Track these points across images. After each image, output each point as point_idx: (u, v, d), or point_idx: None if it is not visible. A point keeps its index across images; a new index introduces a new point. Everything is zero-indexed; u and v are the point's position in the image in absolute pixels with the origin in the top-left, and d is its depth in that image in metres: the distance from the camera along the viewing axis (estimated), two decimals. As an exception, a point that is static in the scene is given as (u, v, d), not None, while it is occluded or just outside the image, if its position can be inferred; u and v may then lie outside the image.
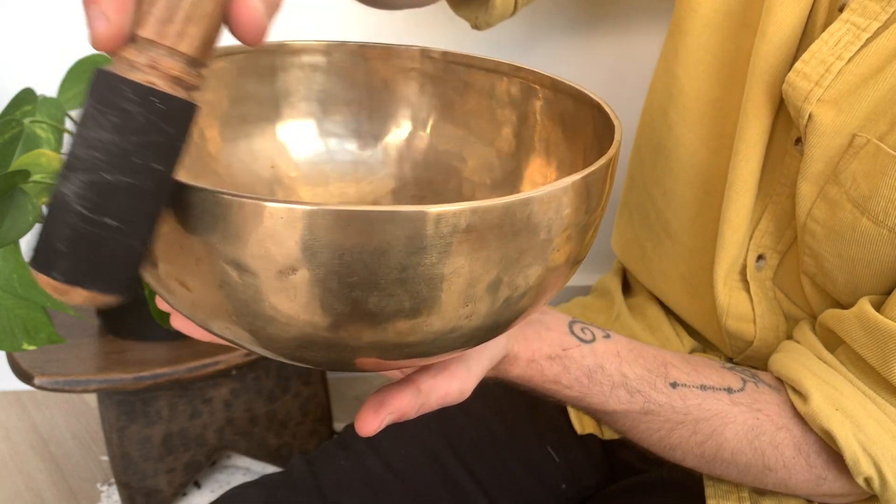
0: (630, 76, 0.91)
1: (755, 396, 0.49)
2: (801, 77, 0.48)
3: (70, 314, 0.67)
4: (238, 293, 0.29)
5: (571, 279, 0.35)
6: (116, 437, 0.86)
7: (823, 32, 0.48)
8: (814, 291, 0.53)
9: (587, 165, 0.31)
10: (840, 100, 0.47)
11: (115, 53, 0.26)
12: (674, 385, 0.47)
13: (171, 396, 0.86)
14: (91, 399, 1.16)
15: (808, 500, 0.53)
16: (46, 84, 0.78)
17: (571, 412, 0.66)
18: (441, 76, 0.49)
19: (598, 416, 0.50)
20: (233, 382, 0.88)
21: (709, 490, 0.55)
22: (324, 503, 0.59)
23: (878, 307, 0.46)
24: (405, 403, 0.38)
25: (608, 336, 0.48)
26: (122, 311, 0.84)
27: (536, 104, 0.45)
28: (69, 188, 0.25)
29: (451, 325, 0.30)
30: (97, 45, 0.25)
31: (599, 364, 0.46)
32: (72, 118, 0.72)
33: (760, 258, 0.56)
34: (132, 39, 0.26)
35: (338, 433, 0.67)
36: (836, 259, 0.49)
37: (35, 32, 0.91)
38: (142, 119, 0.25)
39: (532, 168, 0.46)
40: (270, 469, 1.00)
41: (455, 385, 0.40)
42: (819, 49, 0.48)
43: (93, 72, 0.26)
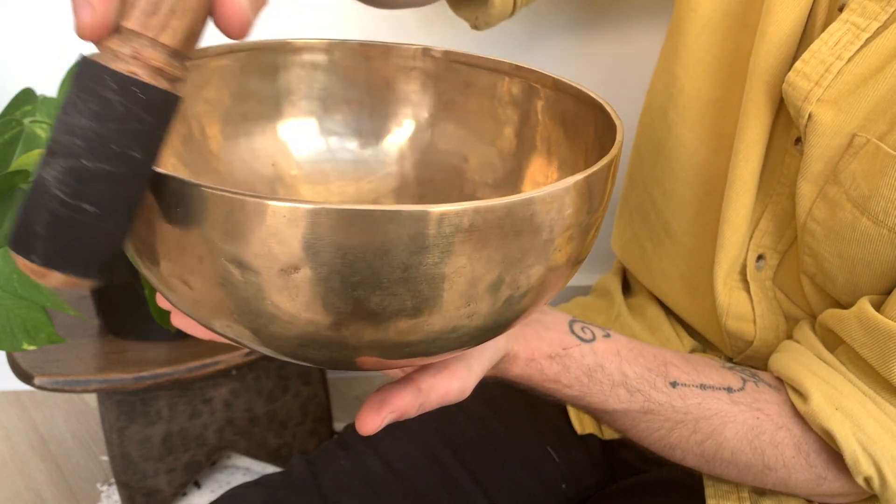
0: (630, 76, 0.91)
1: (755, 396, 0.49)
2: (801, 77, 0.48)
3: (70, 314, 0.67)
4: (240, 291, 0.29)
5: (571, 279, 0.35)
6: (116, 437, 0.86)
7: (823, 32, 0.48)
8: (814, 291, 0.53)
9: (588, 165, 0.31)
10: (840, 99, 0.47)
11: (100, 43, 0.26)
12: (674, 384, 0.47)
13: (171, 396, 0.86)
14: (91, 399, 1.16)
15: (808, 500, 0.53)
16: (46, 84, 0.78)
17: (571, 412, 0.66)
18: (442, 75, 0.49)
19: (598, 416, 0.50)
20: (233, 382, 0.88)
21: (709, 490, 0.55)
22: (324, 503, 0.59)
23: (878, 307, 0.47)
24: (406, 402, 0.38)
25: (608, 335, 0.48)
26: (122, 311, 0.84)
27: (538, 104, 0.45)
28: (49, 173, 0.26)
29: (453, 325, 0.30)
30: (82, 35, 0.26)
31: (599, 363, 0.46)
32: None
33: (760, 258, 0.56)
34: (117, 30, 0.26)
35: (338, 433, 0.67)
36: (836, 259, 0.49)
37: (35, 32, 0.90)
38: (121, 107, 0.26)
39: (533, 168, 0.46)
40: (270, 469, 1.00)
41: (455, 384, 0.40)
42: (819, 49, 0.48)
43: (77, 59, 0.26)
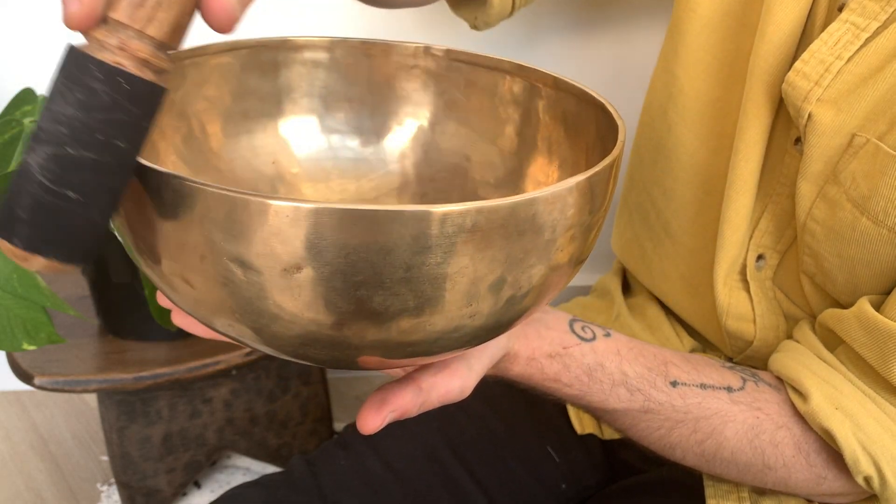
0: (630, 76, 0.91)
1: (755, 395, 0.49)
2: (801, 77, 0.48)
3: (70, 314, 0.67)
4: (242, 291, 0.29)
5: (572, 279, 0.35)
6: (116, 437, 0.86)
7: (823, 32, 0.48)
8: (813, 291, 0.53)
9: (589, 165, 0.31)
10: (839, 99, 0.47)
11: (87, 33, 0.27)
12: (674, 384, 0.47)
13: (171, 396, 0.86)
14: (91, 399, 1.15)
15: (808, 500, 0.53)
16: (46, 84, 0.78)
17: (571, 412, 0.67)
18: (444, 74, 0.49)
19: (598, 415, 0.50)
20: (233, 382, 0.88)
21: (709, 490, 0.55)
22: (324, 503, 0.59)
23: (878, 307, 0.47)
24: (406, 401, 0.38)
25: (608, 334, 0.48)
26: (122, 311, 0.84)
27: (539, 103, 0.45)
28: (34, 159, 0.26)
29: (455, 325, 0.30)
30: (69, 24, 0.26)
31: (600, 362, 0.46)
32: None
33: (760, 258, 0.56)
34: (104, 21, 0.26)
35: (338, 433, 0.67)
36: (836, 259, 0.49)
37: (35, 32, 0.91)
38: (106, 97, 0.26)
39: (534, 167, 0.46)
40: (270, 469, 1.00)
41: (456, 383, 0.40)
42: (818, 49, 0.48)
43: (65, 48, 0.27)
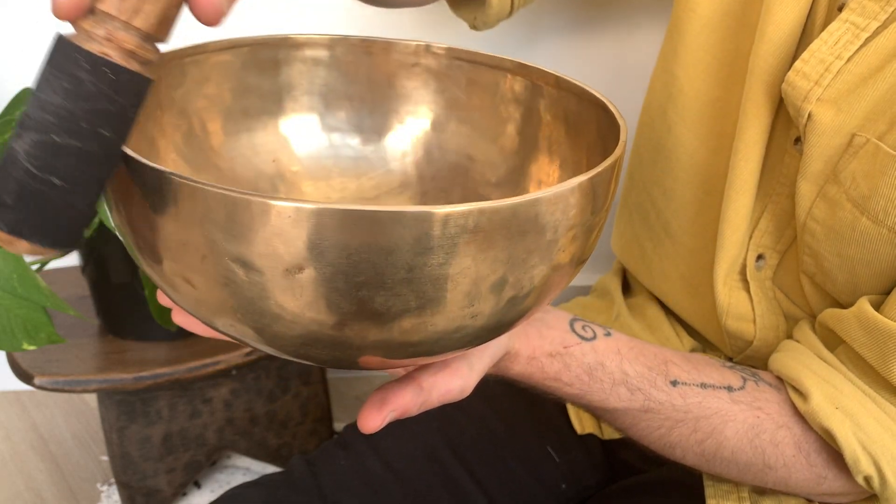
0: (630, 76, 0.91)
1: (755, 395, 0.49)
2: (801, 76, 0.48)
3: (70, 314, 0.67)
4: (244, 291, 0.29)
5: (573, 279, 0.36)
6: (116, 437, 0.86)
7: (823, 32, 0.48)
8: (813, 291, 0.53)
9: (590, 164, 0.31)
10: (839, 99, 0.47)
11: (75, 23, 0.27)
12: (674, 383, 0.48)
13: (171, 396, 0.86)
14: (91, 399, 1.15)
15: (808, 500, 0.53)
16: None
17: (571, 412, 0.67)
18: (445, 72, 0.49)
19: (599, 414, 0.50)
20: (233, 382, 0.88)
21: (708, 490, 0.55)
22: (324, 503, 0.59)
23: (878, 307, 0.47)
24: (407, 401, 0.38)
25: (609, 334, 0.48)
26: (122, 311, 0.84)
27: (540, 102, 0.45)
28: (20, 145, 0.27)
29: (456, 325, 0.30)
30: (57, 13, 0.26)
31: (600, 361, 0.46)
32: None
33: (760, 258, 0.56)
34: (92, 11, 0.27)
35: (338, 433, 0.67)
36: (836, 258, 0.49)
37: (35, 32, 0.90)
38: (92, 87, 0.27)
39: (535, 166, 0.46)
40: (270, 469, 1.00)
41: (456, 382, 0.40)
42: (818, 48, 0.48)
43: (53, 37, 0.27)
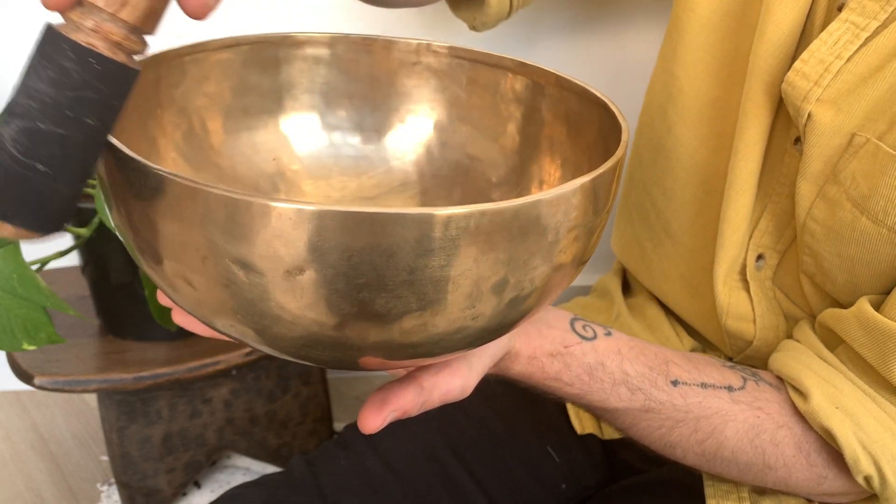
0: (629, 76, 0.91)
1: (756, 395, 0.49)
2: (801, 76, 0.48)
3: (70, 314, 0.67)
4: (244, 292, 0.29)
5: (574, 279, 0.35)
6: (116, 437, 0.86)
7: (822, 32, 0.48)
8: (813, 291, 0.53)
9: (591, 164, 0.31)
10: (839, 99, 0.47)
11: (64, 14, 0.28)
12: (675, 383, 0.48)
13: (171, 396, 0.86)
14: (91, 399, 1.15)
15: (809, 500, 0.53)
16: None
17: (571, 412, 0.67)
18: (445, 71, 0.48)
19: (599, 414, 0.50)
20: (233, 382, 0.88)
21: (708, 490, 0.55)
22: (324, 503, 0.59)
23: (878, 307, 0.47)
24: (407, 401, 0.38)
25: (609, 333, 0.48)
26: (122, 311, 0.84)
27: (541, 101, 0.45)
28: (6, 131, 0.27)
29: (457, 326, 0.30)
30: (46, 5, 0.27)
31: (600, 361, 0.46)
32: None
33: (760, 258, 0.56)
34: (80, 3, 0.28)
35: (338, 433, 0.67)
36: (836, 259, 0.49)
37: (35, 32, 0.90)
38: (77, 76, 0.27)
39: (536, 165, 0.46)
40: (270, 469, 1.00)
41: (457, 382, 0.40)
42: (818, 48, 0.48)
43: (42, 27, 0.28)
